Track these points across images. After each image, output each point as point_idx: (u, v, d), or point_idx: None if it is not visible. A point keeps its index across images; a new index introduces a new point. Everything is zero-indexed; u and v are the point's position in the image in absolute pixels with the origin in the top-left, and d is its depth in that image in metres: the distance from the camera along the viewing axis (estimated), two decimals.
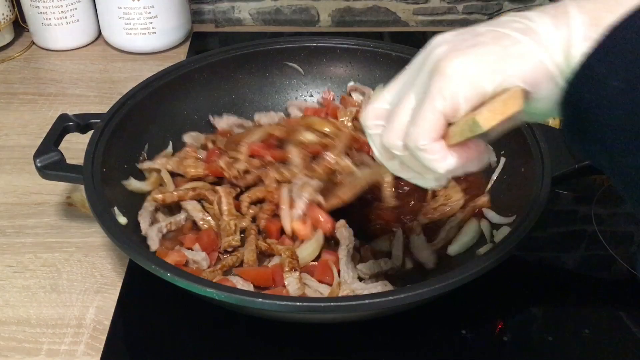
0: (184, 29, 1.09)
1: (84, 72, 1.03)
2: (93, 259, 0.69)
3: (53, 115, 0.81)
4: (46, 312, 0.64)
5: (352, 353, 0.60)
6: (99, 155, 0.67)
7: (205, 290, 0.53)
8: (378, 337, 0.61)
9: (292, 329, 0.61)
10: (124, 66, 1.05)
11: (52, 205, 0.76)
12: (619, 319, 0.63)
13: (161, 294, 0.63)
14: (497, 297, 0.65)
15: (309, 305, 0.52)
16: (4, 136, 0.88)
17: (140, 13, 1.02)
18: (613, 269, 0.69)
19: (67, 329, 0.62)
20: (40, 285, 0.66)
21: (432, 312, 0.62)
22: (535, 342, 0.61)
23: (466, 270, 0.54)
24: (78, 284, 0.67)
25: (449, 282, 0.53)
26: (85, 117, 0.73)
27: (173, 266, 0.56)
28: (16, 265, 0.69)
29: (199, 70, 0.82)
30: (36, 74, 1.02)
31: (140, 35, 1.04)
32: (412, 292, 0.52)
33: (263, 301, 0.52)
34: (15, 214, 0.75)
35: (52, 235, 0.72)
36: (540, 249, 0.71)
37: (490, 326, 0.62)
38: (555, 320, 0.63)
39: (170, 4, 1.04)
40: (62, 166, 0.67)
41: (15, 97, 0.96)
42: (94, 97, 0.97)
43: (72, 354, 0.60)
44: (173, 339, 0.61)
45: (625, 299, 0.66)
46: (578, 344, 0.61)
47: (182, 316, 0.63)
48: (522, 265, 0.68)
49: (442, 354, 0.60)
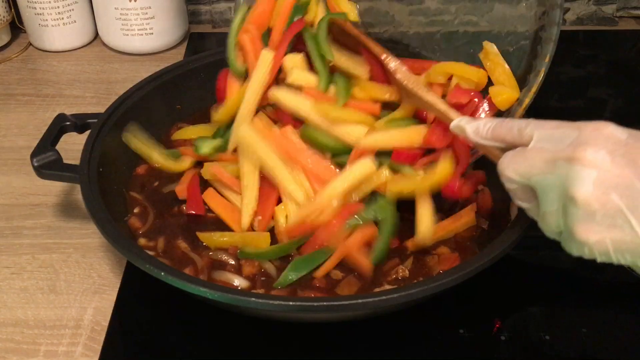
0: (181, 30, 1.10)
1: (81, 73, 1.03)
2: (91, 260, 0.69)
3: (50, 116, 0.81)
4: (44, 314, 0.64)
5: (348, 352, 0.60)
6: (96, 155, 0.67)
7: (199, 290, 0.53)
8: (375, 336, 0.61)
9: (291, 328, 0.61)
10: (121, 67, 1.05)
11: (50, 207, 0.76)
12: (617, 318, 0.64)
13: (159, 295, 0.63)
14: (494, 297, 0.65)
15: (302, 305, 0.52)
16: (1, 137, 0.88)
17: (137, 14, 1.02)
18: (610, 268, 0.68)
19: (65, 330, 0.62)
20: (38, 287, 0.66)
21: (429, 312, 0.62)
22: (533, 341, 0.61)
23: (460, 270, 0.54)
24: (76, 285, 0.67)
25: (442, 282, 0.53)
26: (82, 117, 0.73)
27: (167, 266, 0.57)
28: (14, 267, 0.69)
29: (196, 71, 0.82)
30: (33, 75, 1.02)
31: (137, 36, 1.04)
32: (404, 292, 0.52)
33: (257, 300, 0.52)
34: (13, 215, 0.75)
35: (49, 236, 0.72)
36: (537, 248, 0.71)
37: (487, 325, 0.62)
38: (553, 319, 0.63)
39: (167, 5, 1.04)
40: (59, 166, 0.67)
41: (13, 98, 0.96)
42: (91, 97, 0.97)
43: (70, 355, 0.60)
44: (171, 339, 0.61)
45: (623, 297, 0.66)
46: (576, 343, 0.61)
47: (181, 317, 0.63)
48: (519, 264, 0.68)
49: (440, 353, 0.60)
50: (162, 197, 0.72)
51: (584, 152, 0.44)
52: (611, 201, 0.44)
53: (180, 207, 0.71)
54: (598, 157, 0.44)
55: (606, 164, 0.44)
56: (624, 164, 0.44)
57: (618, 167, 0.44)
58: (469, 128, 0.55)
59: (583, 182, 0.44)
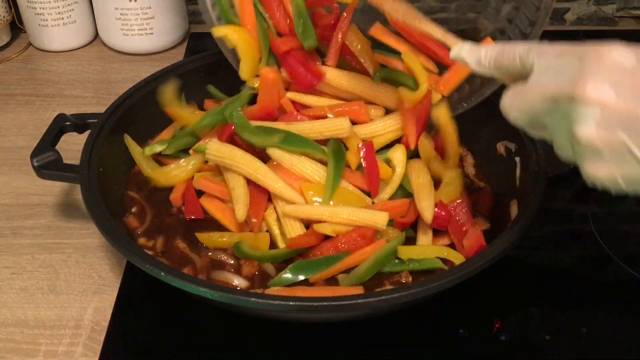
0: (181, 30, 1.09)
1: (81, 73, 1.03)
2: (91, 260, 0.69)
3: (50, 116, 0.81)
4: (44, 314, 0.64)
5: (348, 352, 0.60)
6: (96, 154, 0.67)
7: (198, 290, 0.53)
8: (375, 336, 0.61)
9: (291, 328, 0.61)
10: (121, 67, 1.05)
11: (50, 207, 0.76)
12: (616, 318, 0.64)
13: (159, 295, 0.63)
14: (494, 297, 0.65)
15: (302, 305, 0.52)
16: (1, 137, 0.88)
17: (137, 14, 1.02)
18: (610, 268, 0.69)
19: (65, 330, 0.62)
20: (38, 287, 0.66)
21: (429, 312, 0.62)
22: (533, 341, 0.61)
23: (460, 270, 0.54)
24: (76, 285, 0.67)
25: (442, 282, 0.53)
26: (82, 117, 0.73)
27: (167, 266, 0.57)
28: (14, 267, 0.69)
29: (196, 71, 0.82)
30: (33, 75, 1.02)
31: (137, 36, 1.04)
32: (404, 292, 0.52)
33: (256, 300, 0.52)
34: (13, 215, 0.75)
35: (49, 236, 0.72)
36: (537, 248, 0.71)
37: (487, 325, 0.62)
38: (553, 319, 0.63)
39: (167, 5, 1.04)
40: (59, 166, 0.67)
41: (13, 99, 0.96)
42: (91, 98, 0.97)
43: (70, 355, 0.60)
44: (171, 339, 0.61)
45: (622, 297, 0.66)
46: (575, 342, 0.61)
47: (181, 317, 0.63)
48: (519, 264, 0.68)
49: (440, 353, 0.60)
50: (160, 197, 0.72)
51: (585, 89, 0.41)
52: (618, 138, 0.40)
53: (179, 208, 0.71)
54: (601, 92, 0.40)
55: (610, 99, 0.40)
56: (629, 96, 0.40)
57: (624, 101, 0.40)
58: (470, 59, 0.52)
59: (585, 122, 0.41)
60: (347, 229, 0.63)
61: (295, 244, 0.63)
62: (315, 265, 0.62)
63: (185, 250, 0.66)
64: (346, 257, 0.62)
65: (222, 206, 0.69)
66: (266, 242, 0.65)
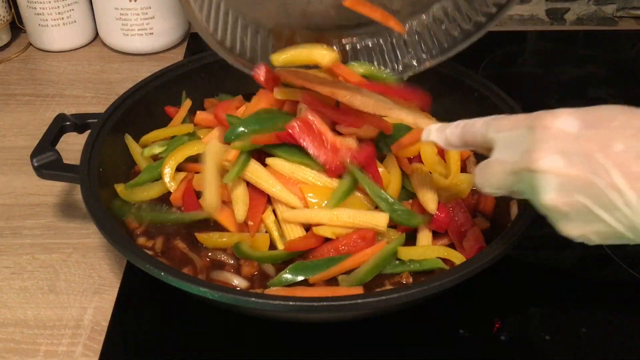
0: (181, 30, 1.10)
1: (81, 73, 1.03)
2: (91, 260, 0.69)
3: (50, 116, 0.81)
4: (44, 314, 0.64)
5: (348, 352, 0.60)
6: (96, 154, 0.67)
7: (198, 290, 0.53)
8: (375, 336, 0.61)
9: (291, 328, 0.61)
10: (121, 67, 1.05)
11: (50, 207, 0.76)
12: (616, 318, 0.64)
13: (159, 295, 0.63)
14: (494, 297, 0.65)
15: (302, 305, 0.52)
16: (1, 137, 0.88)
17: (137, 14, 1.02)
18: (610, 268, 0.69)
19: (65, 330, 0.62)
20: (38, 287, 0.66)
21: (429, 312, 0.62)
22: (533, 341, 0.61)
23: (460, 270, 0.54)
24: (76, 285, 0.67)
25: (442, 282, 0.53)
26: (82, 117, 0.73)
27: (167, 266, 0.57)
28: (14, 267, 0.69)
29: (196, 71, 0.82)
30: (33, 75, 1.02)
31: (137, 36, 1.04)
32: (404, 292, 0.52)
33: (256, 300, 0.52)
34: (13, 215, 0.75)
35: (49, 236, 0.72)
36: (537, 248, 0.71)
37: (487, 325, 0.62)
38: (553, 320, 0.63)
39: (167, 5, 1.04)
40: (59, 166, 0.67)
41: (13, 99, 0.96)
42: (91, 98, 0.97)
43: (70, 355, 0.60)
44: (171, 339, 0.61)
45: (623, 297, 0.66)
46: (575, 343, 0.61)
47: (180, 317, 0.63)
48: (519, 264, 0.68)
49: (440, 353, 0.60)
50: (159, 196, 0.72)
51: (537, 162, 0.43)
52: (578, 202, 0.43)
53: (179, 208, 0.70)
54: (551, 162, 0.43)
55: (562, 168, 0.43)
56: (579, 162, 0.42)
57: (574, 168, 0.42)
58: (439, 141, 0.55)
59: (545, 191, 0.43)
60: (347, 231, 0.63)
61: (293, 247, 0.63)
62: (315, 266, 0.62)
63: (185, 251, 0.65)
64: (346, 259, 0.62)
65: (222, 206, 0.69)
66: (266, 242, 0.65)
